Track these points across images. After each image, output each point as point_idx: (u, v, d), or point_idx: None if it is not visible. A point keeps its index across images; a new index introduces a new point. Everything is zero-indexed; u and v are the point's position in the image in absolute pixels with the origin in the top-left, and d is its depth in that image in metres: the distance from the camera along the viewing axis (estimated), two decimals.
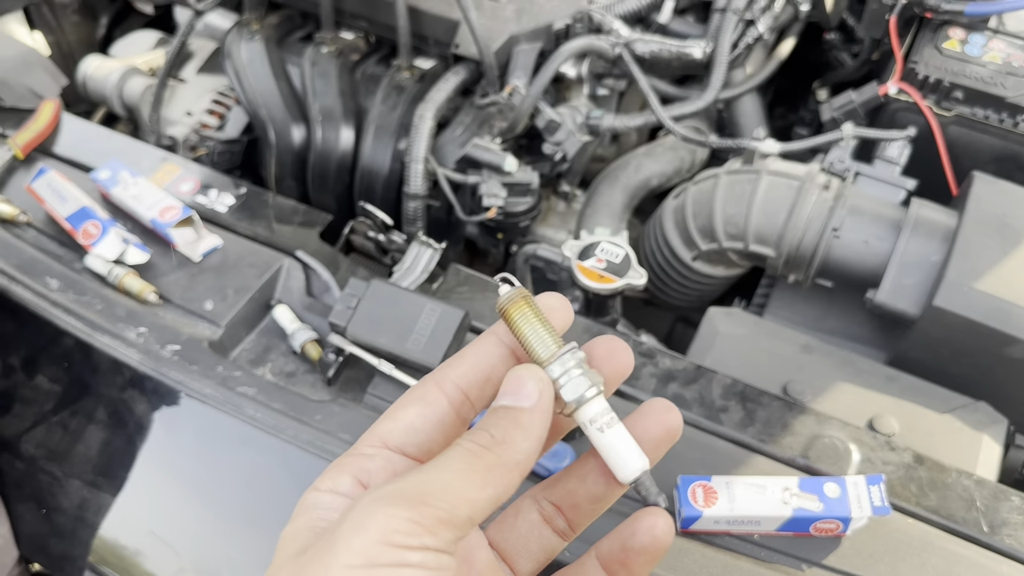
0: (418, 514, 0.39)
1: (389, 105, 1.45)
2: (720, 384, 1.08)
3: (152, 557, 1.06)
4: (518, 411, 0.46)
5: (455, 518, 0.41)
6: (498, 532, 0.53)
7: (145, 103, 1.59)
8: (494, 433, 0.45)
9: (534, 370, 0.47)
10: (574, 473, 0.54)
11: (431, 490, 0.41)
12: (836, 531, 0.95)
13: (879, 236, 1.16)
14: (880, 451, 1.03)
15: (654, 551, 0.51)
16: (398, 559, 0.38)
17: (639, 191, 1.38)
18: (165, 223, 1.17)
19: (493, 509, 0.43)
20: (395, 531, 0.38)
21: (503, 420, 0.45)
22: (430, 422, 0.48)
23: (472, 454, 0.44)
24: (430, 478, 0.42)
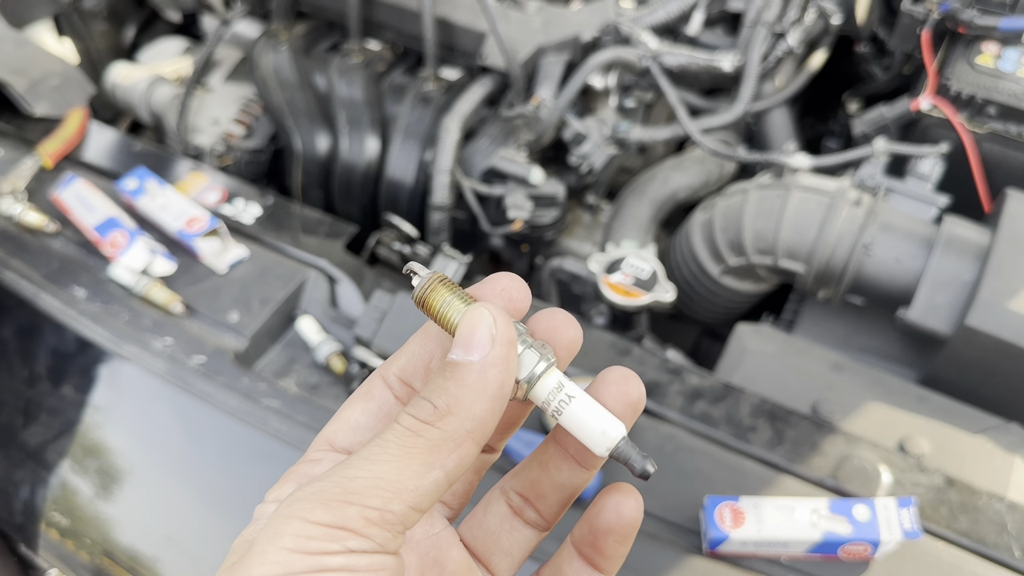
0: (339, 516, 0.35)
1: (415, 116, 1.44)
2: (748, 403, 1.07)
3: (170, 563, 1.06)
4: (466, 367, 0.39)
5: (390, 515, 0.36)
6: (468, 529, 0.48)
7: (172, 111, 1.60)
8: (437, 402, 0.38)
9: (486, 314, 0.39)
10: (535, 460, 0.48)
11: (358, 487, 0.36)
12: (865, 554, 0.94)
13: (911, 253, 1.15)
14: (910, 473, 1.02)
15: (622, 530, 0.46)
16: (317, 566, 0.35)
17: (666, 204, 1.37)
18: (192, 234, 1.17)
19: (443, 491, 0.38)
20: (310, 537, 0.35)
21: (449, 382, 0.39)
22: (375, 417, 0.43)
23: (411, 433, 0.38)
24: (358, 472, 0.37)
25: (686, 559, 0.93)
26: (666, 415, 1.06)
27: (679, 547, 0.95)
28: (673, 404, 1.07)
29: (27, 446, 1.12)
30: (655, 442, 1.03)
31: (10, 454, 1.13)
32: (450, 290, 0.42)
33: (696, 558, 0.93)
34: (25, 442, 1.12)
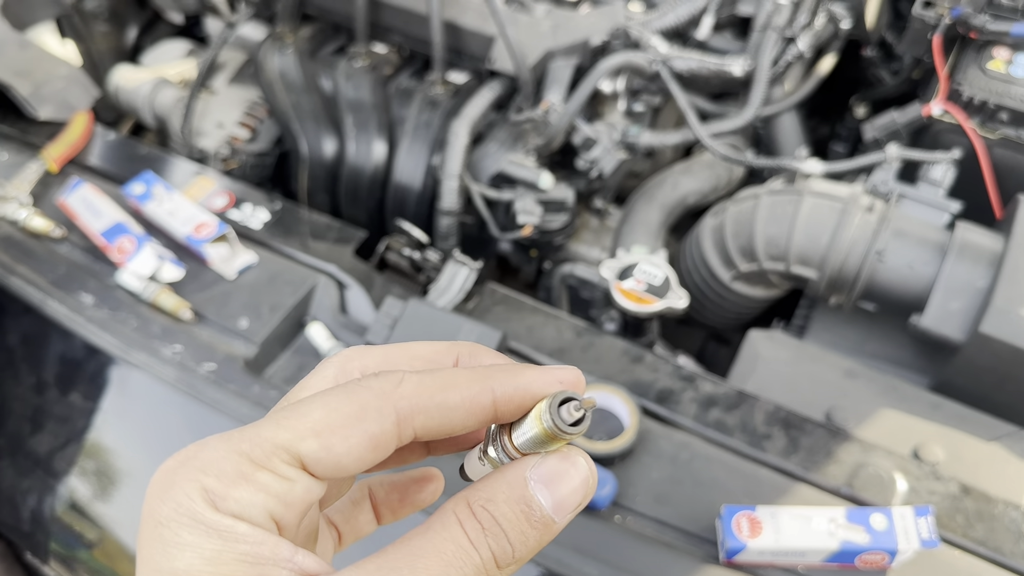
0: None
1: (423, 120, 1.43)
2: (763, 411, 1.06)
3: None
4: (551, 524, 0.36)
5: None
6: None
7: (176, 114, 1.59)
8: (518, 552, 0.36)
9: (588, 477, 0.38)
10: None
11: None
12: (882, 563, 0.93)
13: (924, 260, 1.14)
14: (926, 481, 1.01)
15: (420, 507, 0.47)
16: None
17: (676, 209, 1.36)
18: (200, 239, 1.16)
19: None
20: None
21: (533, 533, 0.36)
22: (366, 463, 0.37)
23: (483, 572, 0.35)
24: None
25: (703, 569, 0.92)
26: (680, 423, 1.05)
27: (696, 557, 0.94)
28: (687, 412, 1.06)
29: (35, 454, 1.11)
30: (669, 451, 1.02)
31: (17, 462, 1.12)
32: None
33: (714, 567, 0.92)
34: (33, 450, 1.11)
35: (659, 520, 0.98)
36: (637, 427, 1.00)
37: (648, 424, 1.03)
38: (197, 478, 0.35)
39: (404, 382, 0.37)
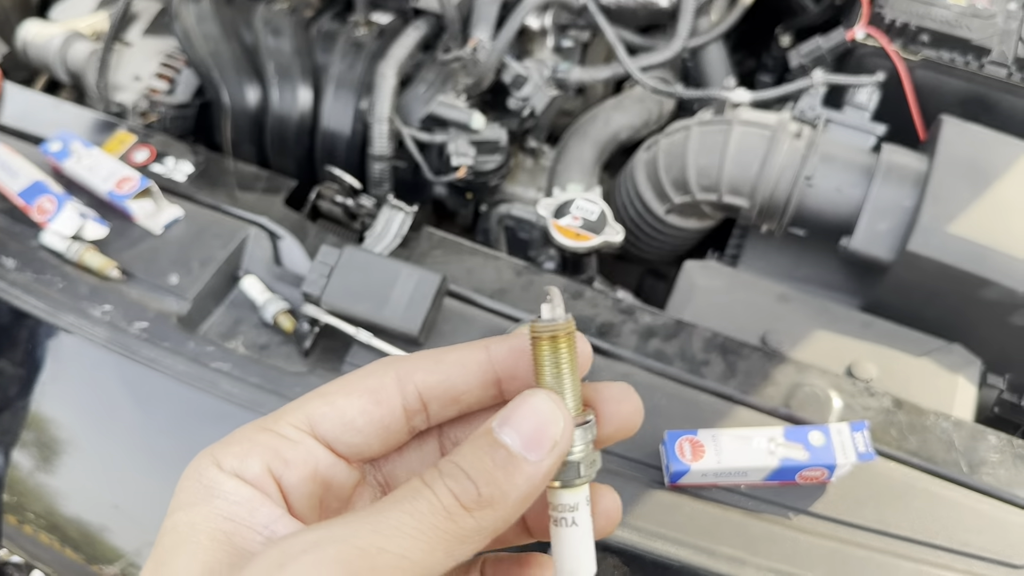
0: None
1: (348, 63, 1.40)
2: (700, 338, 1.08)
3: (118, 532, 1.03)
4: (520, 463, 0.36)
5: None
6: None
7: (91, 69, 1.52)
8: (483, 489, 0.35)
9: (560, 411, 0.38)
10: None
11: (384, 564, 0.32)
12: (822, 479, 0.96)
13: (851, 183, 1.16)
14: (860, 397, 1.04)
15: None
16: None
17: (609, 145, 1.36)
18: (123, 195, 1.13)
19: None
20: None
21: (499, 471, 0.36)
22: (374, 424, 0.39)
23: (447, 516, 0.34)
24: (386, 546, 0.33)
25: (649, 493, 0.94)
26: (621, 355, 1.06)
27: (641, 482, 0.96)
28: (627, 343, 1.07)
29: None
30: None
31: None
32: (571, 346, 0.40)
33: (659, 491, 0.94)
34: None
35: (604, 449, 0.99)
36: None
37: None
38: (214, 448, 0.38)
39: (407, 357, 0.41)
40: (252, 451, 0.37)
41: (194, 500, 0.36)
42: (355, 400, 0.39)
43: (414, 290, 1.04)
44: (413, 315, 1.02)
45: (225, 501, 0.36)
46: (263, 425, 0.39)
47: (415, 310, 1.03)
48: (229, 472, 0.37)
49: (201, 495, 0.36)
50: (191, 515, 0.36)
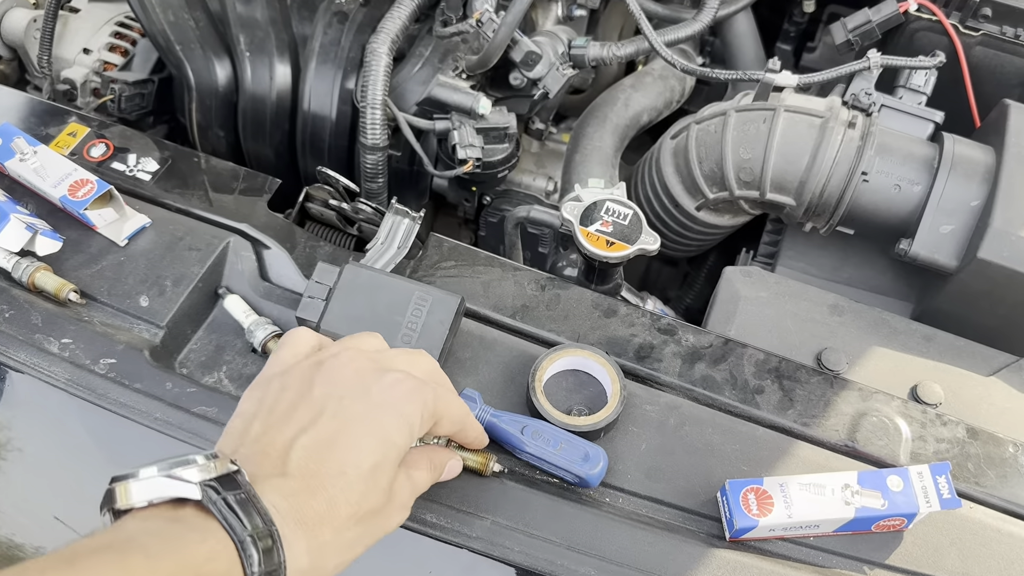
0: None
1: (331, 36, 1.23)
2: (752, 361, 0.96)
3: None
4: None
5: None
6: None
7: (31, 40, 1.33)
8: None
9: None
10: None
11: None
12: (899, 527, 0.85)
13: (911, 179, 1.04)
14: (931, 427, 0.93)
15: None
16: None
17: (630, 130, 1.21)
18: (78, 201, 0.96)
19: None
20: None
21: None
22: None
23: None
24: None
25: (710, 552, 0.82)
26: (664, 381, 0.94)
27: (698, 538, 0.84)
28: (670, 369, 0.95)
29: None
30: (656, 416, 0.91)
31: None
32: None
33: (720, 549, 0.82)
34: None
35: (653, 499, 0.87)
36: (620, 395, 0.88)
37: (630, 386, 0.91)
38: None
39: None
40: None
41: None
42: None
43: (428, 315, 0.89)
44: (428, 345, 0.88)
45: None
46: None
47: (430, 339, 0.88)
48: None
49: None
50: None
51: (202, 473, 0.54)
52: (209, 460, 0.55)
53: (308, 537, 0.57)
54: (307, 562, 0.56)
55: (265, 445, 0.60)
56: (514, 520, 0.81)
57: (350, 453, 0.60)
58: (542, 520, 0.82)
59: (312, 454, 0.59)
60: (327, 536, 0.58)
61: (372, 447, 0.61)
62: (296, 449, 0.59)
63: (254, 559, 0.52)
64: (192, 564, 0.50)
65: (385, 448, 0.62)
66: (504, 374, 0.93)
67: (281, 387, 0.65)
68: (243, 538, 0.52)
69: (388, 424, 0.63)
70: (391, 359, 0.69)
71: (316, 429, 0.61)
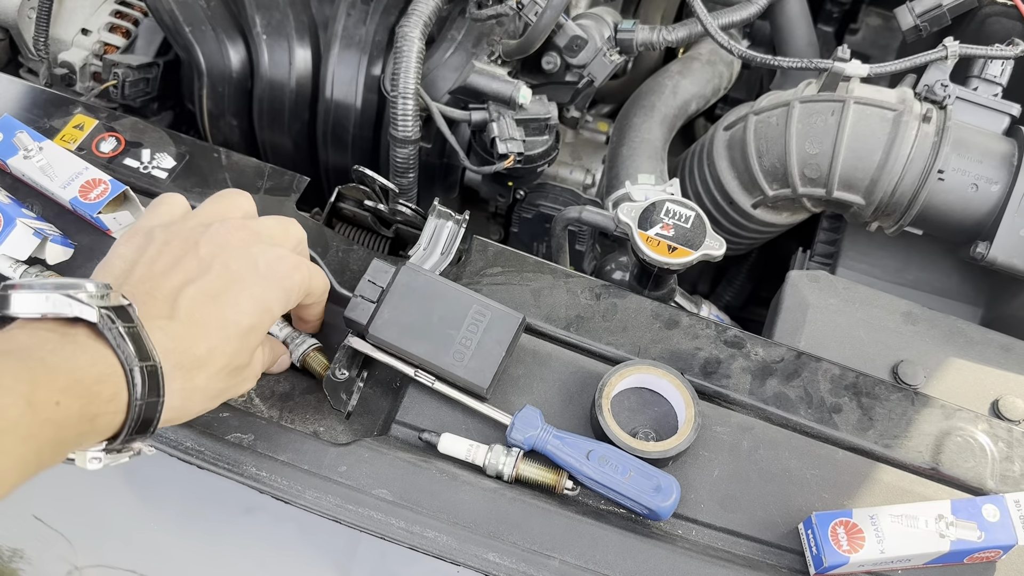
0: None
1: (355, 18, 1.14)
2: (827, 376, 0.89)
3: None
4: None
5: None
6: None
7: (24, 20, 1.23)
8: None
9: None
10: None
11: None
12: (993, 558, 0.79)
13: (989, 177, 0.97)
14: (1018, 447, 0.87)
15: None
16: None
17: (678, 120, 1.13)
18: (91, 204, 0.87)
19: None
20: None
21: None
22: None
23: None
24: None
25: None
26: (735, 399, 0.86)
27: (780, 573, 0.78)
28: (740, 385, 0.87)
29: None
30: (729, 439, 0.84)
31: None
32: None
33: None
34: None
35: (729, 530, 0.80)
36: (695, 420, 0.81)
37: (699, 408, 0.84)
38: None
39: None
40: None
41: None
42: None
43: (484, 332, 0.81)
44: (483, 366, 0.80)
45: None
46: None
47: (486, 359, 0.80)
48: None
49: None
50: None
51: (95, 300, 0.57)
52: (100, 289, 0.59)
53: (184, 379, 0.62)
54: (179, 401, 0.62)
55: (151, 288, 0.64)
56: (584, 559, 0.75)
57: (233, 310, 0.65)
58: (613, 558, 0.75)
59: (199, 304, 0.64)
60: (200, 382, 0.63)
61: (252, 310, 0.66)
62: (184, 297, 0.64)
63: (138, 388, 0.57)
64: (84, 383, 0.54)
65: (262, 314, 0.68)
66: (562, 392, 0.86)
67: (164, 240, 0.68)
68: (132, 367, 0.56)
69: (270, 294, 0.68)
70: (268, 229, 0.73)
71: (204, 282, 0.65)
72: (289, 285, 0.70)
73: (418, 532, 0.74)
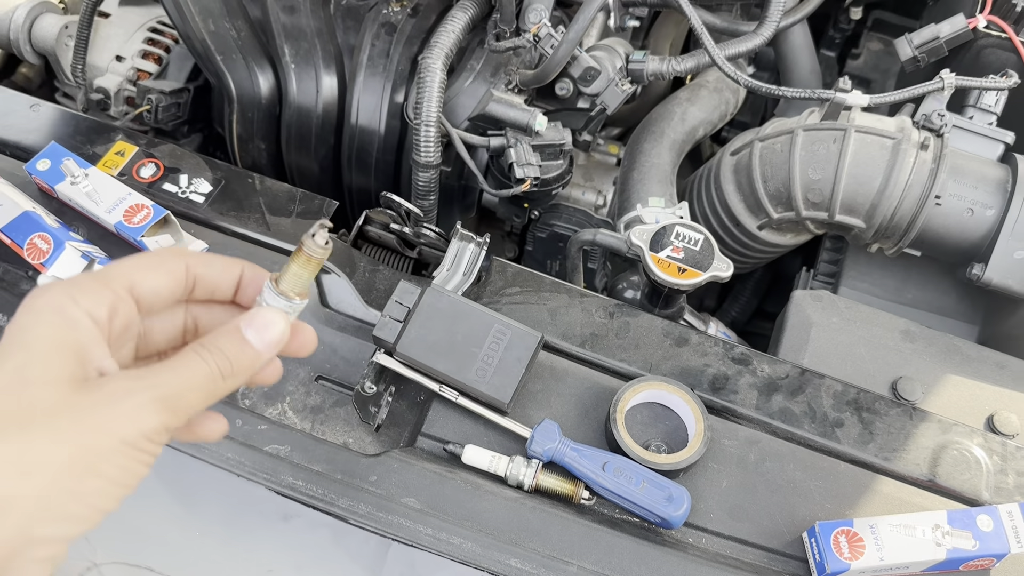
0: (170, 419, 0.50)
1: (379, 48, 1.19)
2: (830, 392, 0.94)
3: None
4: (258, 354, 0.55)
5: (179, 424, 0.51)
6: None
7: (62, 47, 1.28)
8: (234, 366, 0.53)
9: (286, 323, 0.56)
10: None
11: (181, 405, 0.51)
12: (988, 566, 0.84)
13: (984, 203, 1.02)
14: (1012, 460, 0.92)
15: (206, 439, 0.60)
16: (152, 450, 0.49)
17: (686, 145, 1.19)
18: (135, 228, 0.92)
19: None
20: (153, 432, 0.48)
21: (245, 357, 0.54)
22: (170, 296, 0.55)
23: (213, 378, 0.52)
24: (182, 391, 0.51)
25: None
26: (742, 413, 0.91)
27: None
28: (747, 401, 0.92)
29: None
30: (736, 452, 0.88)
31: None
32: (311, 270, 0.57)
33: None
34: None
35: (737, 539, 0.85)
36: (705, 434, 0.86)
37: (708, 423, 0.89)
38: (66, 288, 0.50)
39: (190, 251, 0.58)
40: (101, 298, 0.51)
41: (52, 321, 0.49)
42: (160, 277, 0.54)
43: (505, 350, 0.86)
44: (504, 382, 0.86)
45: (78, 331, 0.49)
46: (102, 280, 0.52)
47: (507, 376, 0.86)
48: (84, 312, 0.50)
49: (59, 319, 0.49)
50: (48, 329, 0.49)
51: None
52: None
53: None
54: None
55: None
56: (600, 565, 0.79)
57: None
58: (628, 564, 0.80)
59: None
60: None
61: None
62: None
63: None
64: None
65: None
66: (578, 407, 0.91)
67: None
68: None
69: None
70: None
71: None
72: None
73: (445, 539, 0.79)
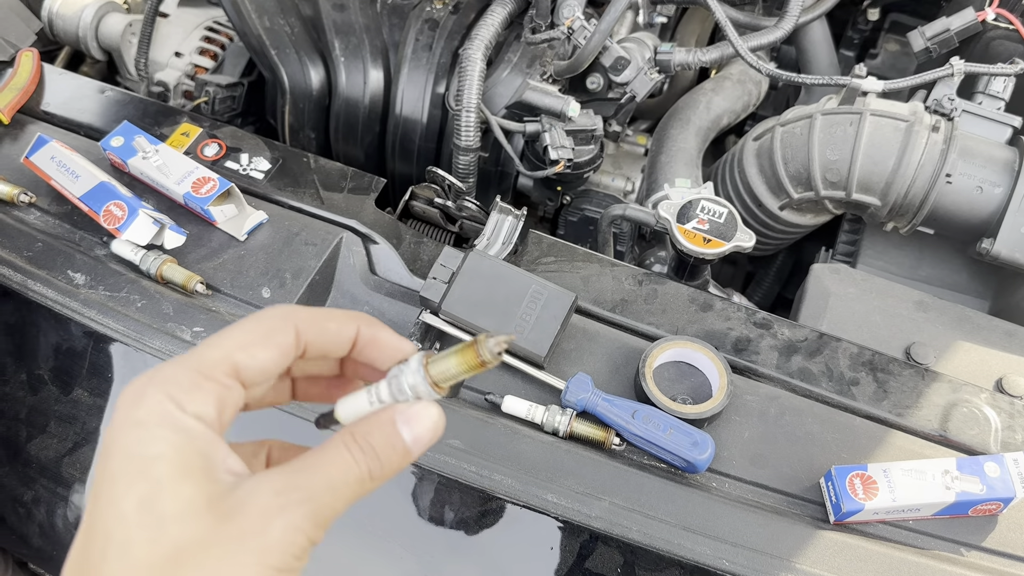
0: (318, 535, 0.44)
1: (423, 42, 1.28)
2: (846, 354, 1.00)
3: None
4: (407, 452, 0.48)
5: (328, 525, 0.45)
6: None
7: (127, 44, 1.38)
8: (384, 466, 0.47)
9: (442, 422, 0.48)
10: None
11: (330, 516, 0.45)
12: (994, 511, 0.89)
13: (993, 181, 1.08)
14: (1019, 417, 0.97)
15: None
16: (299, 568, 0.43)
17: (711, 132, 1.26)
18: (202, 198, 1.01)
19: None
20: (303, 552, 0.43)
21: (396, 456, 0.47)
22: (274, 375, 0.47)
23: (362, 481, 0.46)
24: (330, 498, 0.44)
25: (816, 534, 0.86)
26: (763, 373, 0.98)
27: (803, 521, 0.88)
28: (768, 361, 0.99)
29: (37, 460, 0.96)
30: (757, 406, 0.95)
31: (16, 470, 0.97)
32: (475, 371, 0.48)
33: (826, 531, 0.86)
34: (34, 456, 0.96)
35: (758, 484, 0.91)
36: (728, 387, 0.92)
37: (731, 377, 0.95)
38: (164, 388, 0.43)
39: (299, 310, 0.49)
40: (207, 395, 0.44)
41: (167, 438, 0.42)
42: (269, 350, 0.46)
43: (543, 309, 0.94)
44: (541, 337, 0.93)
45: (196, 442, 0.43)
46: (204, 371, 0.44)
47: (543, 332, 0.93)
48: (192, 414, 0.43)
49: (173, 436, 0.42)
50: (166, 448, 0.42)
51: None
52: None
53: None
54: None
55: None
56: (630, 501, 0.86)
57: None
58: (656, 502, 0.86)
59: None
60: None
61: None
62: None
63: None
64: None
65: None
66: (608, 364, 0.97)
67: None
68: None
69: None
70: None
71: None
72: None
73: (487, 475, 0.86)
